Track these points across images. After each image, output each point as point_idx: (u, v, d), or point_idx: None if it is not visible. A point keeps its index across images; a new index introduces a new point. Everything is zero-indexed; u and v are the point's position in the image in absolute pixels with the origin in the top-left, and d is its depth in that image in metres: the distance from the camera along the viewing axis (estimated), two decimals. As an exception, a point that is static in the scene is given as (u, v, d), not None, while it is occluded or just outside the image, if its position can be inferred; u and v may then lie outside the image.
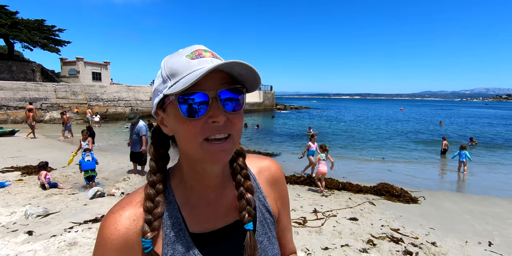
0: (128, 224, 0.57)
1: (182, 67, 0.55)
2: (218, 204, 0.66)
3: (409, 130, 23.45)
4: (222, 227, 0.65)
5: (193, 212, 0.63)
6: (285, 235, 0.82)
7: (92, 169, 6.34)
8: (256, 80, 0.58)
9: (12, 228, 3.92)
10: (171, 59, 0.58)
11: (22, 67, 27.65)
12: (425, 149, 14.36)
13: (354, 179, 7.73)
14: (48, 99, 22.36)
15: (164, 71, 0.57)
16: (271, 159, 0.81)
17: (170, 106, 0.57)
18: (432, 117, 41.52)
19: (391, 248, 3.76)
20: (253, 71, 0.56)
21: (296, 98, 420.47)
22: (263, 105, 42.96)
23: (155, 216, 0.58)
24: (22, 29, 27.20)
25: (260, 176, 0.75)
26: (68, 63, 32.98)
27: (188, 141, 0.56)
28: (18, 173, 7.07)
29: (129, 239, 0.56)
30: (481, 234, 4.55)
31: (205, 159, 0.57)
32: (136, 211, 0.59)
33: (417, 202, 6.17)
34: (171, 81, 0.55)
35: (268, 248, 0.68)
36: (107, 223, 0.57)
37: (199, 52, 0.57)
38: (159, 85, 0.58)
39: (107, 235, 0.56)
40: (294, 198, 5.93)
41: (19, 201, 5.12)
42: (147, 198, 0.60)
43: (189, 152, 0.58)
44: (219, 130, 0.55)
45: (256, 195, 0.71)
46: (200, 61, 0.55)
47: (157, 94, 0.58)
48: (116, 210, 0.59)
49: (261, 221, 0.70)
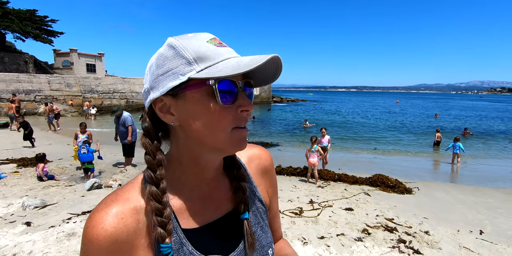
0: (115, 223, 0.52)
1: (212, 53, 0.52)
2: (210, 197, 0.65)
3: (404, 122, 23.65)
4: (214, 220, 0.63)
5: (185, 206, 0.61)
6: (275, 222, 0.83)
7: (89, 162, 6.36)
8: (275, 77, 0.59)
9: (10, 219, 3.93)
10: (190, 42, 0.53)
11: (15, 58, 27.15)
12: (420, 141, 14.53)
13: (349, 171, 7.83)
14: (42, 91, 22.06)
15: (187, 53, 0.52)
16: (261, 147, 0.80)
17: (194, 92, 0.53)
18: (427, 109, 41.83)
19: (386, 237, 3.85)
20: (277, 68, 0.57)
21: (293, 90, 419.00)
22: (259, 97, 42.86)
23: (167, 218, 0.54)
24: (14, 19, 26.56)
25: (251, 165, 0.74)
26: (62, 55, 32.46)
27: (216, 129, 0.54)
28: (14, 165, 7.05)
29: (118, 238, 0.51)
30: (472, 223, 4.66)
31: (230, 146, 0.56)
32: (123, 208, 0.54)
33: (411, 192, 6.27)
34: (199, 65, 0.51)
35: (262, 237, 0.68)
36: (93, 223, 0.52)
37: (218, 41, 0.56)
38: (178, 67, 0.52)
39: (94, 236, 0.51)
40: (291, 189, 6.00)
41: (16, 193, 5.11)
42: (154, 199, 0.54)
43: (213, 141, 0.55)
44: (245, 120, 0.57)
45: (248, 184, 0.70)
46: (228, 50, 0.55)
47: (176, 76, 0.52)
48: (101, 209, 0.53)
49: (254, 211, 0.69)
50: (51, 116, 13.93)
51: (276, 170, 7.52)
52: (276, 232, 0.84)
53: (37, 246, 3.22)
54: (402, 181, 6.80)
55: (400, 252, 3.45)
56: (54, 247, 3.19)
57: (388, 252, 3.44)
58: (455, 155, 9.62)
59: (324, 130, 8.57)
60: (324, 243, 3.60)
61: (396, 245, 3.63)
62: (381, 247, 3.57)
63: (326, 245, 3.55)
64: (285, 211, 4.66)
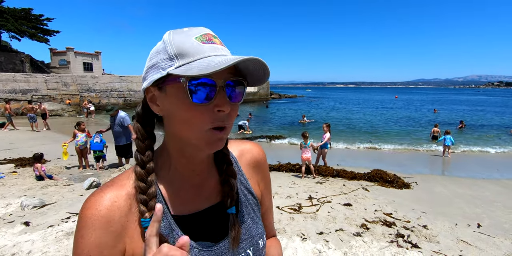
0: (109, 205, 0.56)
1: (194, 49, 0.53)
2: (201, 187, 0.66)
3: (403, 117, 23.68)
4: (204, 209, 0.65)
5: (175, 194, 0.63)
6: (267, 217, 0.83)
7: (100, 150, 6.98)
8: (264, 77, 0.58)
9: (8, 219, 3.93)
10: (179, 37, 0.55)
11: (11, 57, 26.94)
12: (419, 136, 14.57)
13: (348, 166, 7.85)
14: (39, 90, 21.94)
15: (171, 48, 0.54)
16: (253, 142, 0.81)
17: (172, 87, 0.54)
18: (426, 104, 41.89)
19: (384, 232, 3.87)
20: (265, 70, 0.56)
21: (291, 87, 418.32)
22: (257, 94, 42.79)
23: (150, 196, 0.57)
24: (9, 18, 26.35)
25: (242, 159, 0.76)
26: (58, 54, 32.24)
27: (190, 126, 0.55)
28: (12, 165, 7.03)
29: (110, 219, 0.55)
30: (470, 216, 4.69)
31: (203, 146, 0.57)
32: (117, 193, 0.58)
33: (410, 187, 6.30)
34: (179, 61, 0.52)
35: (252, 228, 0.69)
36: (88, 204, 0.56)
37: (209, 37, 0.55)
38: (161, 62, 0.55)
39: (88, 215, 0.54)
40: (290, 186, 6.01)
41: (14, 192, 5.10)
42: (138, 178, 0.58)
43: (187, 136, 0.57)
44: (223, 121, 0.55)
45: (238, 177, 0.71)
46: (213, 47, 0.54)
47: (158, 70, 0.55)
48: (96, 193, 0.58)
49: (244, 202, 0.70)
50: (30, 115, 13.35)
51: (275, 167, 7.55)
52: (267, 228, 0.83)
53: (36, 245, 3.23)
54: (400, 176, 6.83)
55: (399, 247, 3.47)
56: (53, 246, 3.20)
57: (386, 247, 3.46)
58: (446, 147, 10.03)
59: (325, 126, 7.93)
60: (323, 239, 3.62)
61: (394, 239, 3.66)
62: (380, 241, 3.59)
63: (325, 241, 3.57)
64: (284, 207, 4.67)
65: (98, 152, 7.00)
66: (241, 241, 0.65)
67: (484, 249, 3.51)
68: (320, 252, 3.31)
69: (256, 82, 0.60)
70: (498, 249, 3.53)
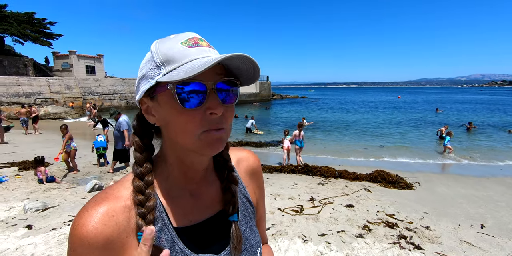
0: (106, 221, 0.51)
1: (179, 54, 0.52)
2: (201, 196, 0.65)
3: (406, 117, 23.57)
4: (205, 219, 0.64)
5: (176, 204, 0.61)
6: (260, 224, 0.83)
7: (104, 147, 7.47)
8: (255, 74, 0.57)
9: (11, 223, 3.95)
10: (164, 44, 0.55)
11: (14, 61, 27.17)
12: (422, 136, 14.49)
13: (351, 166, 7.83)
14: (42, 93, 22.11)
15: (157, 56, 0.54)
16: (249, 150, 0.82)
17: (162, 95, 0.54)
18: (429, 104, 41.68)
19: (386, 233, 3.85)
20: (254, 66, 0.55)
21: (293, 88, 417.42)
22: (259, 95, 42.79)
23: (148, 209, 0.55)
24: (12, 23, 26.57)
25: (239, 167, 0.76)
26: (61, 57, 32.44)
27: (185, 132, 0.54)
28: (15, 168, 7.07)
29: (109, 236, 0.51)
30: (473, 217, 4.66)
31: (201, 149, 0.55)
32: (113, 206, 0.54)
33: (412, 188, 6.26)
34: (166, 68, 0.52)
35: (251, 237, 0.69)
36: (82, 221, 0.51)
37: (195, 40, 0.55)
38: (149, 71, 0.54)
39: (84, 233, 0.50)
40: (291, 187, 6.00)
41: (17, 196, 5.14)
42: (137, 190, 0.56)
43: (184, 142, 0.56)
44: (217, 123, 0.54)
45: (238, 186, 0.71)
46: (199, 50, 0.53)
47: (147, 80, 0.55)
48: (91, 207, 0.53)
49: (243, 211, 0.70)
50: (21, 119, 13.26)
51: (277, 168, 7.54)
52: (261, 235, 0.83)
53: (38, 249, 3.24)
54: (403, 177, 6.80)
55: (401, 248, 3.45)
56: (56, 249, 3.21)
57: (389, 248, 3.44)
58: (446, 148, 10.56)
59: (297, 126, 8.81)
60: (325, 240, 3.61)
61: (397, 241, 3.63)
62: (382, 243, 3.57)
63: (327, 242, 3.55)
64: (285, 209, 4.66)
65: (102, 149, 7.47)
66: (241, 251, 0.65)
67: (487, 250, 3.48)
68: (322, 254, 3.30)
69: (248, 81, 0.59)
70: (502, 250, 3.50)
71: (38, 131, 13.64)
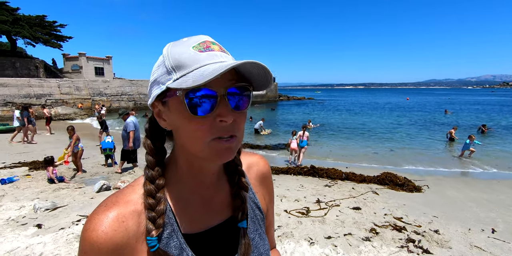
0: (116, 226, 0.52)
1: (190, 60, 0.51)
2: (211, 202, 0.64)
3: (415, 119, 23.26)
4: (214, 225, 0.63)
5: (185, 210, 0.61)
6: (269, 230, 0.82)
7: (110, 149, 7.61)
8: (268, 80, 0.56)
9: (21, 222, 4.02)
10: (176, 48, 0.54)
11: (26, 63, 27.77)
12: (432, 138, 14.26)
13: (358, 168, 7.76)
14: (52, 95, 22.53)
15: (168, 61, 0.53)
16: (260, 155, 0.81)
17: (173, 100, 0.53)
18: (438, 105, 41.10)
19: (394, 236, 3.80)
20: (266, 72, 0.53)
21: (300, 89, 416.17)
22: (266, 97, 42.83)
23: (158, 213, 0.55)
24: (24, 25, 27.17)
25: (250, 172, 0.74)
26: (71, 59, 33.04)
27: (193, 139, 0.53)
28: (26, 168, 7.21)
29: (119, 242, 0.51)
30: (484, 221, 4.56)
31: (210, 157, 0.54)
32: (123, 211, 0.54)
33: (421, 191, 6.17)
34: (176, 74, 0.51)
35: (260, 244, 0.68)
36: (92, 225, 0.51)
37: (207, 44, 0.54)
38: (161, 76, 0.54)
39: (94, 238, 0.50)
40: (298, 189, 5.97)
41: (27, 195, 5.23)
42: (147, 194, 0.56)
43: (193, 149, 0.55)
44: (227, 131, 0.53)
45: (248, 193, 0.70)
46: (210, 55, 0.52)
47: (159, 85, 0.54)
48: (101, 211, 0.53)
49: (252, 218, 0.69)
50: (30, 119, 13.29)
51: (283, 170, 7.52)
52: (270, 240, 0.83)
53: (47, 248, 3.29)
54: (411, 179, 6.71)
55: (409, 252, 3.40)
56: (64, 248, 3.25)
57: (396, 252, 3.39)
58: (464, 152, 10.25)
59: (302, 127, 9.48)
60: (331, 243, 3.58)
61: (405, 244, 3.58)
62: (390, 246, 3.52)
63: (333, 245, 3.52)
64: (292, 211, 4.64)
65: (108, 151, 7.62)
66: None
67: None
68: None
69: (261, 87, 0.57)
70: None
71: (50, 132, 13.99)
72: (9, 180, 5.98)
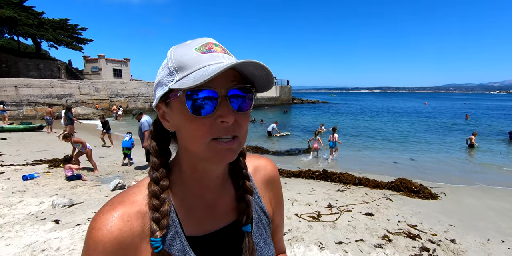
0: (121, 225, 0.52)
1: (192, 61, 0.52)
2: (215, 205, 0.64)
3: (434, 125, 22.59)
4: (218, 229, 0.63)
5: (190, 213, 0.61)
6: (277, 233, 0.81)
7: (128, 148, 7.84)
8: (269, 81, 0.56)
9: (40, 217, 4.19)
10: (179, 50, 0.55)
11: (49, 65, 28.97)
12: (451, 144, 13.76)
13: (372, 173, 7.60)
14: (73, 95, 23.35)
15: (171, 63, 0.54)
16: (267, 158, 0.80)
17: (175, 101, 0.54)
18: (458, 110, 39.79)
19: (408, 244, 3.70)
20: (267, 72, 0.53)
21: (313, 92, 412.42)
22: (279, 99, 42.76)
23: (162, 213, 0.55)
24: (48, 29, 28.42)
25: (256, 176, 0.74)
26: (91, 61, 34.18)
27: (194, 139, 0.53)
28: (46, 165, 7.49)
29: (123, 241, 0.52)
30: (505, 232, 4.37)
31: (210, 158, 0.54)
32: (129, 211, 0.55)
33: (437, 198, 5.98)
34: (178, 75, 0.52)
35: (264, 250, 0.67)
36: (98, 224, 0.52)
37: (209, 46, 0.54)
38: (164, 78, 0.55)
39: (99, 237, 0.51)
40: (309, 193, 5.92)
41: (47, 191, 5.43)
42: (152, 195, 0.56)
43: (194, 150, 0.55)
44: (227, 131, 0.53)
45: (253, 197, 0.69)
46: (212, 56, 0.53)
47: (162, 87, 0.55)
48: (107, 211, 0.54)
49: (257, 222, 0.69)
50: (47, 118, 14.57)
51: (295, 173, 7.48)
52: (277, 245, 0.82)
53: (64, 243, 3.41)
54: (427, 186, 6.51)
55: (423, 261, 3.30)
56: (80, 244, 3.36)
57: (409, 260, 3.31)
58: None
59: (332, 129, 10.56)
60: (342, 249, 3.52)
61: (418, 253, 3.48)
62: (403, 254, 3.43)
63: (344, 251, 3.46)
64: (302, 214, 4.61)
65: (125, 149, 7.83)
66: None
67: (519, 268, 3.25)
68: (338, 262, 3.23)
69: (263, 88, 0.58)
70: (536, 269, 3.25)
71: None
72: (30, 176, 6.23)
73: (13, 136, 12.43)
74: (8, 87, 20.14)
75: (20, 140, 11.55)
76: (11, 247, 3.29)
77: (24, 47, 34.25)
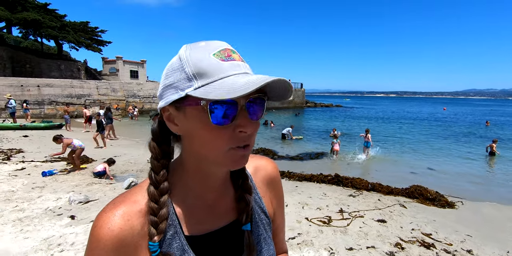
0: (122, 224, 0.54)
1: (213, 68, 0.50)
2: (215, 205, 0.65)
3: (453, 131, 21.89)
4: (218, 228, 0.63)
5: (189, 213, 0.61)
6: (277, 234, 0.81)
7: None
8: (287, 93, 0.56)
9: (57, 212, 4.33)
10: (196, 54, 0.52)
11: (69, 66, 30.03)
12: (471, 152, 13.25)
13: (385, 179, 7.43)
14: (91, 95, 24.07)
15: (188, 67, 0.51)
16: (268, 158, 0.80)
17: (192, 109, 0.52)
18: (478, 116, 38.42)
19: (421, 253, 3.60)
20: (287, 85, 0.53)
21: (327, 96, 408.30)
22: (293, 103, 42.63)
23: (161, 218, 0.55)
24: (69, 31, 29.55)
25: (256, 176, 0.74)
26: (109, 62, 35.21)
27: (211, 147, 0.53)
28: (64, 163, 7.75)
29: (124, 239, 0.53)
30: (526, 244, 4.18)
31: (225, 164, 0.55)
32: (129, 210, 0.56)
33: (454, 207, 5.79)
34: (197, 82, 0.50)
35: (264, 249, 0.67)
36: (100, 223, 0.54)
37: (228, 52, 0.53)
38: (179, 81, 0.52)
39: (100, 235, 0.52)
40: (320, 197, 5.86)
41: (64, 188, 5.62)
42: (150, 198, 0.56)
43: (209, 157, 0.55)
44: (244, 141, 0.53)
45: (253, 195, 0.69)
46: (233, 65, 0.52)
47: (176, 90, 0.53)
48: (108, 209, 0.56)
49: (257, 222, 0.69)
50: (66, 117, 15.35)
51: (307, 177, 7.42)
52: (278, 245, 0.82)
53: (79, 238, 3.51)
54: (443, 194, 6.32)
55: (437, 271, 3.20)
56: (93, 240, 3.45)
57: (423, 270, 3.21)
58: None
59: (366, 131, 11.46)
60: (353, 255, 3.46)
61: (432, 262, 3.38)
62: (416, 263, 3.34)
63: (354, 257, 3.41)
64: (313, 218, 4.56)
65: None
66: None
67: (541, 283, 3.10)
68: (348, 268, 3.17)
69: (277, 98, 0.58)
70: (559, 285, 3.09)
71: (86, 129, 15.38)
72: (49, 173, 6.46)
73: (35, 133, 12.91)
74: (31, 86, 20.99)
75: (41, 137, 11.98)
76: (29, 241, 3.42)
77: (47, 49, 35.70)
